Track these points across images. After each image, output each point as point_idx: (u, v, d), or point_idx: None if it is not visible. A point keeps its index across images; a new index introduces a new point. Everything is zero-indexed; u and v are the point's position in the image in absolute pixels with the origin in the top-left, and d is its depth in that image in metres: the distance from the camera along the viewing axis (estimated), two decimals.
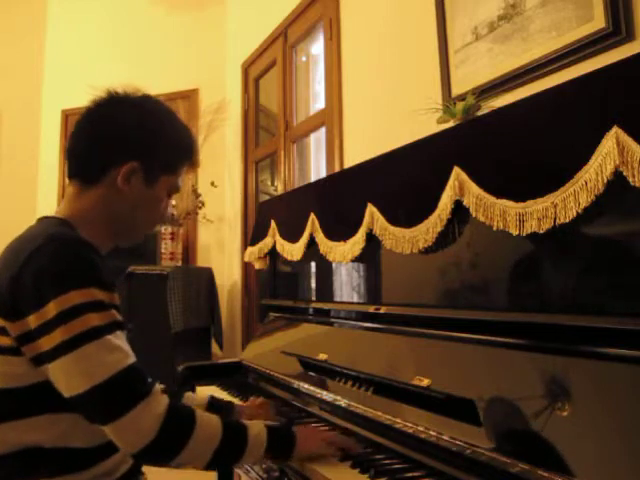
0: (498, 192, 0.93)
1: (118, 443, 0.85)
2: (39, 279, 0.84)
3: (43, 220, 1.00)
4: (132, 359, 0.87)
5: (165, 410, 0.86)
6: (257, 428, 0.97)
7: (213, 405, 1.27)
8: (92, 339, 0.83)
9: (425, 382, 0.97)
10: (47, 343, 0.83)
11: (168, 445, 0.87)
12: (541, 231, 0.85)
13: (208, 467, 0.94)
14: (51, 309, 0.82)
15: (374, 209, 1.28)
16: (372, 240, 1.30)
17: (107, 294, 0.88)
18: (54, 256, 0.86)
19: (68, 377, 0.83)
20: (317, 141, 3.09)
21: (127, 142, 1.00)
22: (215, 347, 3.30)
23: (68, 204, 1.01)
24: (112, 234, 1.03)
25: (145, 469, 1.06)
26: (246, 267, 3.38)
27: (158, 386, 0.89)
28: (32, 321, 0.83)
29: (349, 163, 2.32)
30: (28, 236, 0.94)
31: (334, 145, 2.46)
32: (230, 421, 0.97)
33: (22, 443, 0.87)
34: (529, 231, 0.86)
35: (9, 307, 0.85)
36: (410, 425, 0.94)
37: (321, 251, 1.50)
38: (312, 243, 1.58)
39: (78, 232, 0.95)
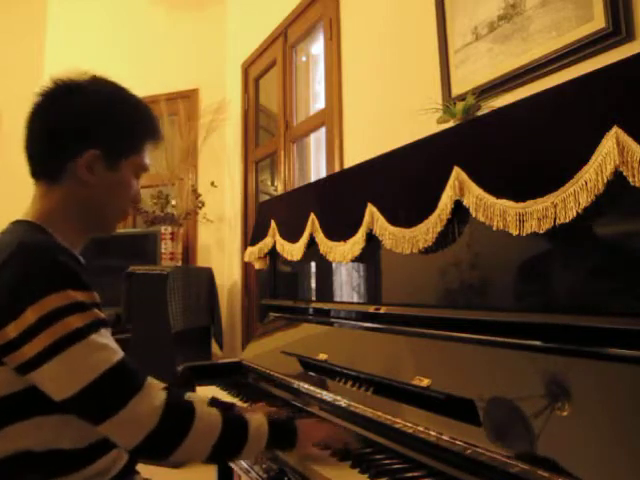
0: (498, 192, 0.93)
1: (116, 441, 0.85)
2: (13, 288, 0.82)
3: (14, 225, 0.96)
4: (120, 355, 0.86)
5: (163, 403, 0.86)
6: (258, 422, 0.97)
7: (213, 406, 1.27)
8: (76, 341, 0.82)
9: (425, 382, 0.97)
10: (30, 350, 0.81)
11: (166, 439, 0.86)
12: (541, 231, 0.85)
13: (207, 461, 0.94)
14: (29, 316, 0.81)
15: (374, 209, 1.28)
16: (372, 240, 1.30)
17: (85, 294, 0.86)
18: (26, 263, 0.84)
19: (57, 381, 0.82)
20: (317, 141, 3.09)
21: (80, 131, 0.95)
22: (215, 347, 3.30)
23: (37, 205, 0.98)
24: (84, 228, 1.00)
25: (140, 468, 1.06)
26: (246, 267, 3.38)
27: (151, 379, 0.89)
28: (11, 330, 0.81)
29: (349, 163, 2.32)
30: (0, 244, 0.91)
31: (334, 145, 2.46)
32: (231, 415, 0.97)
33: (11, 449, 0.86)
34: (529, 231, 0.86)
35: None
36: (410, 425, 0.94)
37: (321, 251, 1.50)
38: (312, 243, 1.58)
39: (50, 234, 0.93)
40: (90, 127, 0.96)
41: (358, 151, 2.29)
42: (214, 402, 1.29)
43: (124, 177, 1.00)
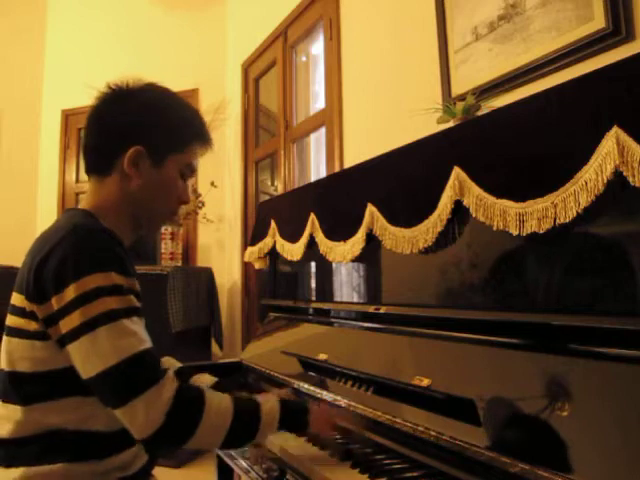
0: (498, 192, 0.93)
1: (128, 428, 0.86)
2: (61, 264, 0.87)
3: (69, 212, 1.03)
4: (147, 345, 0.88)
5: (174, 394, 0.86)
6: (269, 404, 0.98)
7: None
8: (108, 322, 0.85)
9: (425, 382, 0.97)
10: (66, 325, 0.86)
11: (177, 430, 0.88)
12: (541, 231, 0.85)
13: (222, 448, 0.95)
14: (70, 292, 0.85)
15: (374, 209, 1.28)
16: (372, 240, 1.30)
17: (127, 279, 0.90)
18: (76, 244, 0.89)
19: (84, 359, 0.86)
20: (317, 141, 3.09)
21: (127, 128, 1.01)
22: (215, 347, 3.30)
23: (89, 197, 1.04)
24: (133, 223, 1.05)
25: (154, 471, 1.07)
26: (246, 267, 3.38)
27: (170, 373, 0.90)
28: (54, 303, 0.86)
29: (349, 163, 2.32)
30: (55, 227, 0.98)
31: (334, 145, 2.46)
32: (242, 400, 0.98)
33: (45, 425, 0.89)
34: (529, 231, 0.86)
35: (36, 292, 0.89)
36: (410, 425, 0.94)
37: (321, 251, 1.50)
38: (312, 243, 1.58)
39: (101, 222, 0.98)
40: (135, 124, 1.02)
41: (358, 151, 2.29)
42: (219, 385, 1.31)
43: (168, 175, 1.04)
